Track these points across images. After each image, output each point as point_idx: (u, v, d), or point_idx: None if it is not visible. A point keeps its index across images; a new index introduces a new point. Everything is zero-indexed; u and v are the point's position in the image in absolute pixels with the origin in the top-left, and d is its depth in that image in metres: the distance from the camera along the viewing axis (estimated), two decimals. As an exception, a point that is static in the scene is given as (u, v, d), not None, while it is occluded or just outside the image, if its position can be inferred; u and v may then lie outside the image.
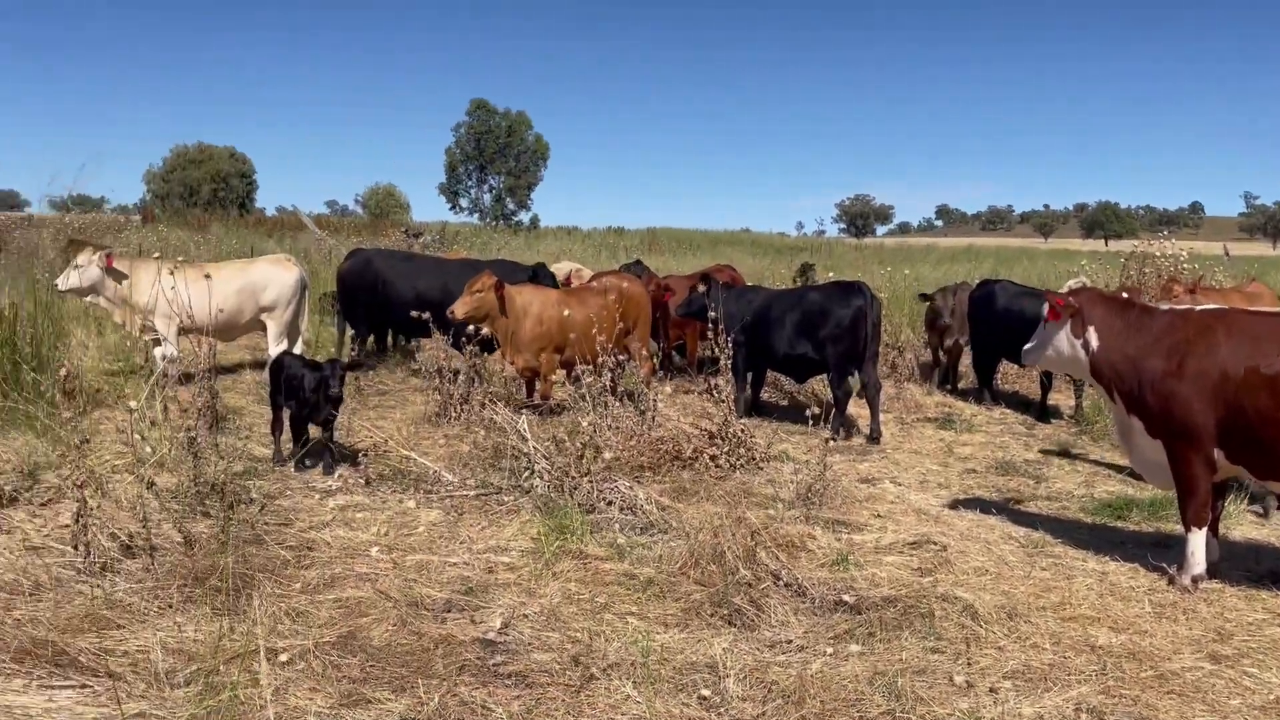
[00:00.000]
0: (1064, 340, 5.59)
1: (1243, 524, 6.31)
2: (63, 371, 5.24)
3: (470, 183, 70.47)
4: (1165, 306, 5.62)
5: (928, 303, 11.28)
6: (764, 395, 10.24)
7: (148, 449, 5.73)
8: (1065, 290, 5.79)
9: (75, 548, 4.84)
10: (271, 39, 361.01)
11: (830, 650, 4.27)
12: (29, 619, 4.23)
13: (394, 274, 11.03)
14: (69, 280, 9.12)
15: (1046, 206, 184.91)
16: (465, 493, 6.40)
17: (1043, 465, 8.03)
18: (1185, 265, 14.39)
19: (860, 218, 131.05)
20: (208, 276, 9.39)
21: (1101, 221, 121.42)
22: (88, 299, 9.46)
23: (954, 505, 6.69)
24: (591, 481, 6.23)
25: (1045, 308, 5.72)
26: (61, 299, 9.57)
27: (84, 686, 3.70)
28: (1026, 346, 5.93)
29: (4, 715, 3.45)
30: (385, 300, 10.86)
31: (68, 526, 5.03)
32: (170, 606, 4.45)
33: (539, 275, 10.76)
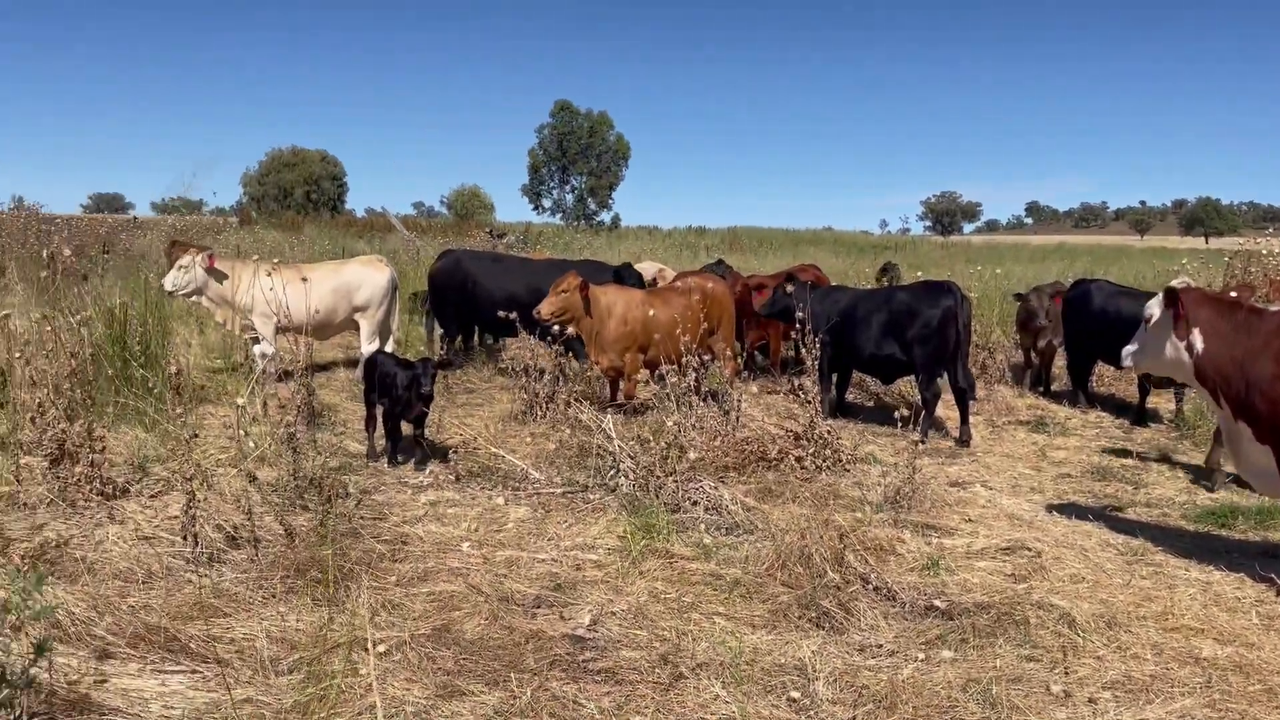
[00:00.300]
0: (1167, 343, 5.41)
1: (1359, 535, 6.03)
2: (173, 369, 5.47)
3: (553, 183, 71.25)
4: (1276, 307, 5.39)
5: (1020, 302, 11.02)
6: (850, 396, 10.13)
7: (250, 444, 5.94)
8: (1164, 291, 5.58)
9: (184, 538, 5.05)
10: (362, 44, 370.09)
11: (922, 656, 4.22)
12: (142, 606, 4.43)
13: (483, 274, 11.21)
14: (174, 280, 9.51)
15: (1143, 203, 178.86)
16: (552, 490, 6.48)
17: (1141, 470, 7.78)
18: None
19: (946, 215, 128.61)
20: (304, 279, 9.69)
21: (1201, 218, 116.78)
22: (191, 299, 9.85)
23: (1048, 510, 6.53)
24: (676, 481, 6.25)
25: (1149, 308, 5.54)
26: (168, 299, 9.97)
27: (194, 671, 3.86)
28: (1126, 349, 5.76)
29: (120, 697, 3.63)
30: (474, 300, 11.04)
31: (176, 518, 5.24)
32: (274, 596, 4.62)
33: (623, 275, 10.83)
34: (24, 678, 2.66)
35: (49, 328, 6.81)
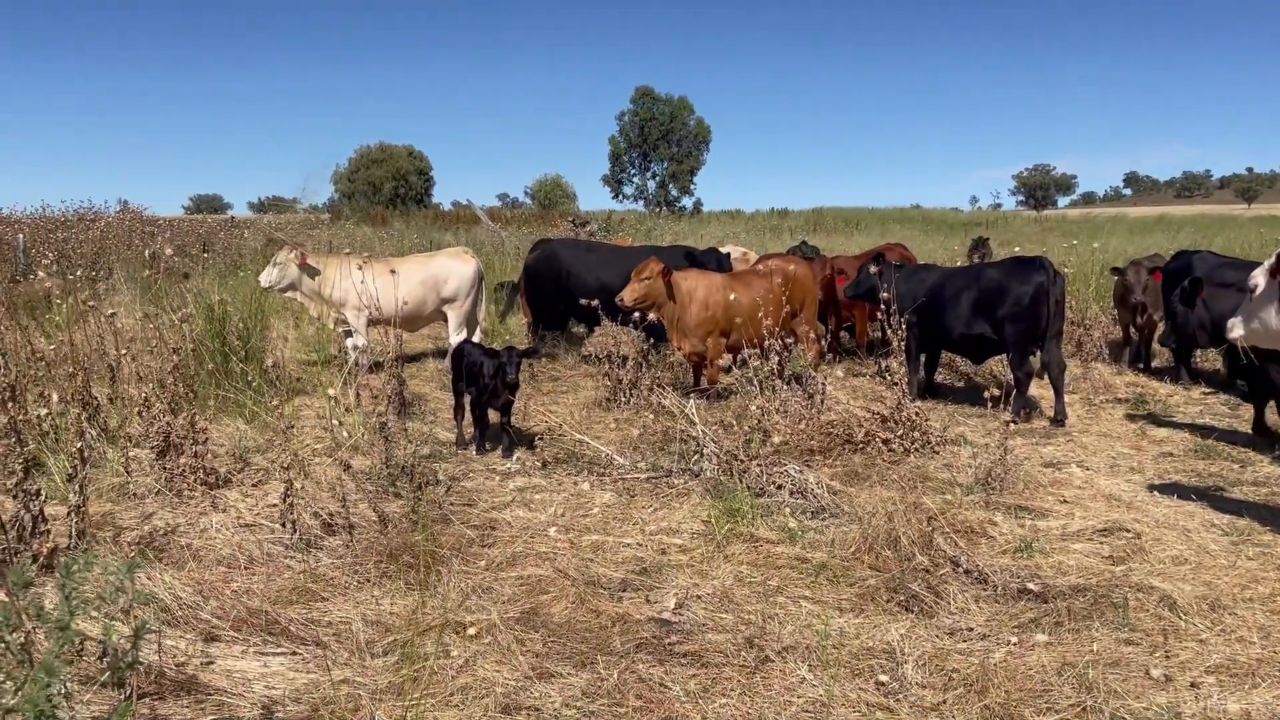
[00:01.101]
0: (1271, 310, 5.16)
1: None
2: (269, 362, 5.67)
3: (634, 170, 71.34)
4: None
5: (1117, 277, 10.64)
6: (939, 377, 9.94)
7: (344, 434, 6.12)
8: (1273, 258, 5.29)
9: (283, 525, 5.25)
10: (443, 38, 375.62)
11: (1014, 639, 4.13)
12: (245, 590, 4.61)
13: (578, 263, 11.19)
14: (270, 277, 9.84)
15: (1250, 170, 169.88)
16: (636, 475, 6.52)
17: (1248, 449, 7.45)
18: None
19: (1040, 189, 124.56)
20: (393, 272, 9.91)
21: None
22: (286, 294, 10.18)
23: (1148, 490, 6.31)
24: (760, 465, 6.23)
25: (1254, 278, 5.29)
26: (264, 295, 10.31)
27: (294, 653, 4.01)
28: (1233, 320, 5.51)
29: (225, 678, 3.79)
30: (569, 290, 10.97)
31: (276, 505, 5.45)
32: (368, 581, 4.76)
33: (703, 259, 10.77)
34: (129, 657, 2.79)
35: (152, 325, 7.12)
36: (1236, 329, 5.49)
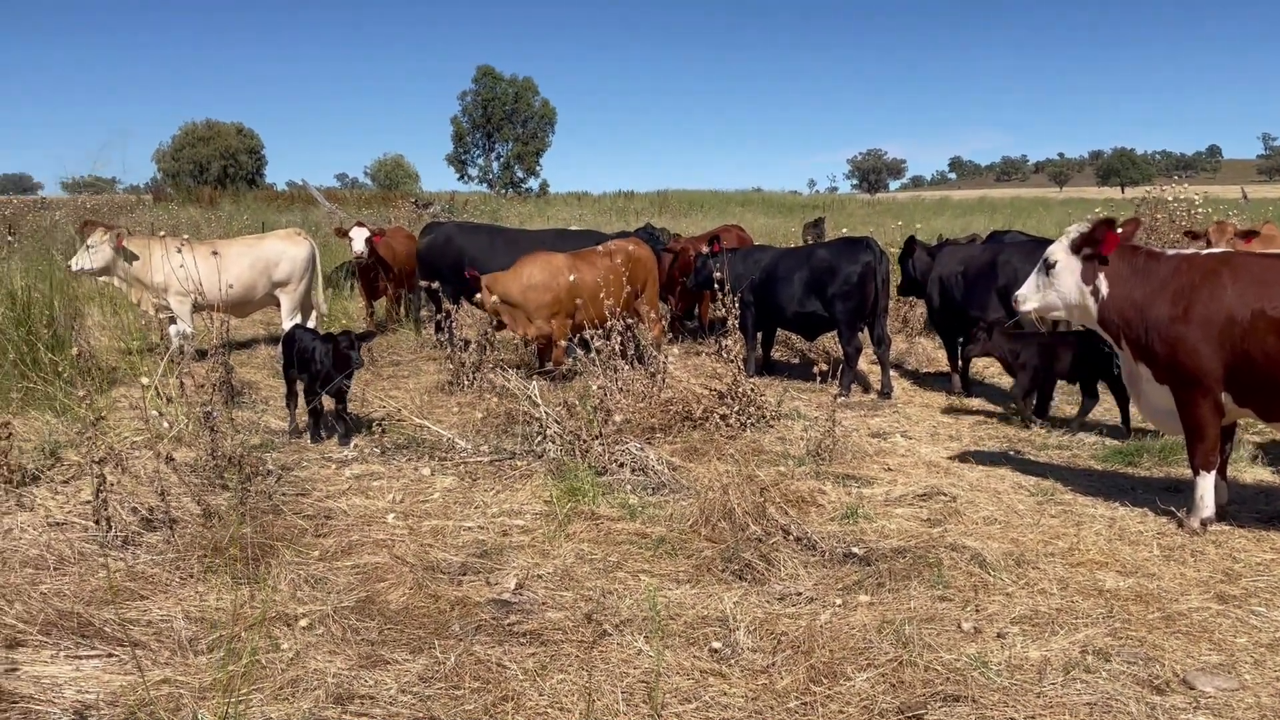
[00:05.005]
0: (1074, 287, 5.47)
1: (1254, 467, 6.31)
2: (74, 350, 5.32)
3: (478, 151, 70.32)
4: (1172, 251, 5.55)
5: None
6: (775, 354, 10.26)
7: (165, 424, 5.81)
8: (1070, 234, 5.62)
9: (96, 522, 4.95)
10: (273, 12, 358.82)
11: (839, 601, 4.33)
12: (54, 592, 4.33)
13: (477, 249, 10.61)
14: (81, 261, 9.22)
15: (1061, 155, 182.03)
16: (479, 459, 6.47)
17: (1056, 413, 8.01)
18: (1200, 210, 14.26)
19: (873, 173, 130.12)
20: (215, 254, 9.45)
21: (1117, 168, 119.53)
22: (102, 279, 9.56)
23: (965, 457, 6.72)
24: (603, 444, 6.29)
25: (1053, 253, 5.61)
26: (76, 280, 9.64)
27: (109, 655, 3.80)
28: (1021, 291, 5.79)
29: (33, 684, 3.56)
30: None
31: (89, 502, 5.13)
32: (191, 577, 4.55)
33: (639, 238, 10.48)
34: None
35: (-58, 313, 6.57)
36: (1030, 301, 5.74)
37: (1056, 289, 5.57)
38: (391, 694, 3.57)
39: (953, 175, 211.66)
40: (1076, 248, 5.48)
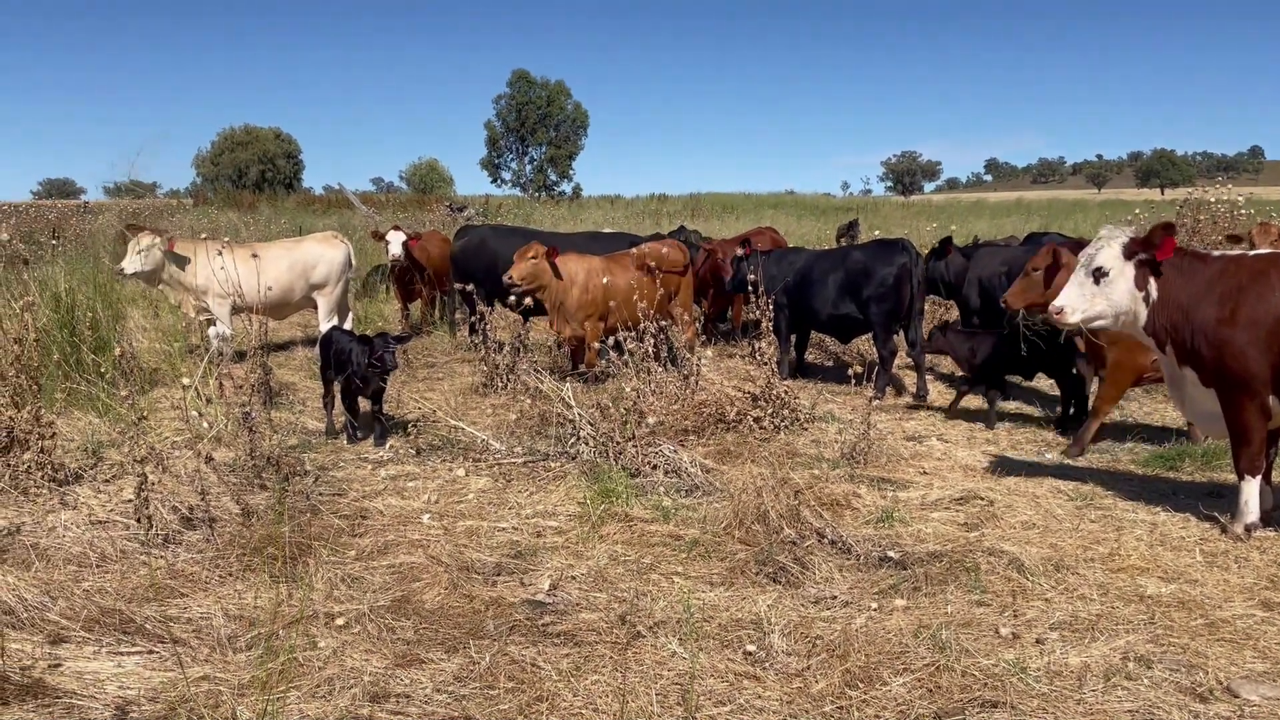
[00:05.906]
0: (1126, 294, 5.21)
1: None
2: (116, 352, 5.40)
3: (511, 155, 70.68)
4: (1217, 253, 5.43)
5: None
6: (810, 357, 10.20)
7: (205, 425, 5.89)
8: (1119, 239, 5.37)
9: (138, 521, 5.02)
10: (310, 18, 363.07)
11: (875, 605, 4.30)
12: (97, 589, 4.41)
13: (510, 252, 10.61)
14: (133, 264, 9.35)
15: (1099, 156, 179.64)
16: (513, 460, 6.49)
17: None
18: (1243, 211, 13.98)
19: (907, 175, 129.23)
20: (255, 256, 9.57)
21: (1157, 170, 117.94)
22: (148, 282, 9.71)
23: (1002, 460, 6.64)
24: (636, 446, 6.29)
25: (1100, 259, 5.26)
26: (119, 283, 9.79)
27: (150, 652, 3.85)
28: (1061, 301, 5.38)
29: (75, 680, 3.62)
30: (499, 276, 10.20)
31: (130, 501, 5.21)
32: (230, 575, 4.61)
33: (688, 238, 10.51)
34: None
35: (-11, 315, 6.70)
36: (1076, 313, 5.33)
37: (1109, 298, 5.25)
38: (427, 693, 3.59)
39: (988, 177, 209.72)
40: (1130, 253, 5.23)
